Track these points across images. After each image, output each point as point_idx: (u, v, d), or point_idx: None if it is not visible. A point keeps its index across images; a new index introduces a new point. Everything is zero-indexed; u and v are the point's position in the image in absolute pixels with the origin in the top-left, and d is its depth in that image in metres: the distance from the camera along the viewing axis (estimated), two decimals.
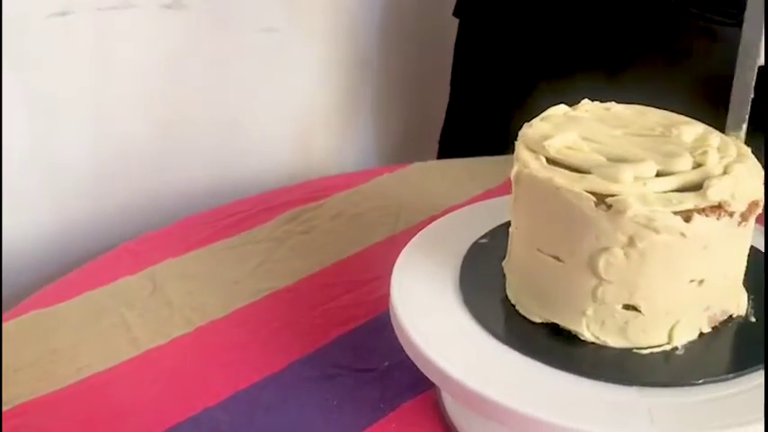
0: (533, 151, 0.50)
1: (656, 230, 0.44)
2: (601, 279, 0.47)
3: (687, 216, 0.45)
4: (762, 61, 0.52)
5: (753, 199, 0.47)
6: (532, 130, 0.52)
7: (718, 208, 0.45)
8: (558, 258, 0.49)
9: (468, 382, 0.46)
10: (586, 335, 0.49)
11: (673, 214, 0.44)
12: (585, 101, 0.56)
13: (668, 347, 0.48)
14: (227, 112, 1.04)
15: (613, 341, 0.48)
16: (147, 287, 0.70)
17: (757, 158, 0.50)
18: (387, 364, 0.61)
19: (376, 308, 0.66)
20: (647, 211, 0.44)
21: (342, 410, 0.57)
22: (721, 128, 0.53)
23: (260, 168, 1.06)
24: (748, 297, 0.52)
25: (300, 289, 0.71)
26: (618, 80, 0.90)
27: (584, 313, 0.48)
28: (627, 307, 0.48)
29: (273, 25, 1.03)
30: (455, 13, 1.07)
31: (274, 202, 0.85)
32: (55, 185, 0.92)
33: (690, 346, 0.49)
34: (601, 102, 0.56)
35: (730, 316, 0.51)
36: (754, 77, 0.52)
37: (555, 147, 0.49)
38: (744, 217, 0.47)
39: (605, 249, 0.46)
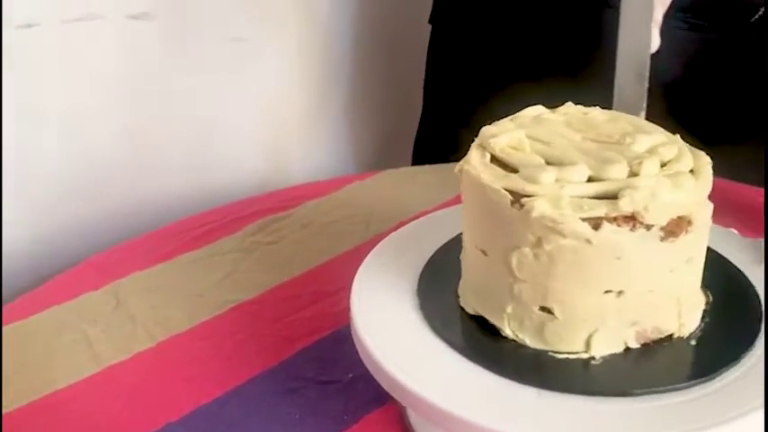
0: (482, 148, 0.50)
1: (562, 234, 0.44)
2: (515, 277, 0.47)
3: (596, 224, 0.44)
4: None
5: (679, 214, 0.46)
6: (492, 128, 0.53)
7: (631, 219, 0.45)
8: (484, 253, 0.50)
9: (413, 388, 0.47)
10: (507, 332, 0.49)
11: (581, 220, 0.44)
12: (569, 104, 0.56)
13: (585, 356, 0.48)
14: (198, 122, 1.03)
15: (531, 341, 0.49)
16: (111, 302, 0.70)
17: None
18: (351, 375, 0.60)
19: (341, 319, 0.65)
20: (555, 215, 0.44)
21: (304, 424, 0.57)
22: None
23: (232, 178, 1.06)
24: (703, 319, 0.51)
25: (266, 301, 0.71)
26: (588, 84, 0.90)
27: (504, 310, 0.49)
28: (543, 309, 0.48)
29: (242, 35, 1.03)
30: (431, 21, 1.06)
31: (243, 212, 0.85)
32: (24, 198, 0.91)
33: (610, 359, 0.48)
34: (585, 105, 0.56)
35: (670, 336, 0.50)
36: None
37: (499, 145, 0.49)
38: (669, 233, 0.46)
39: (517, 248, 0.46)
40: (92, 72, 0.92)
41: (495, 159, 0.49)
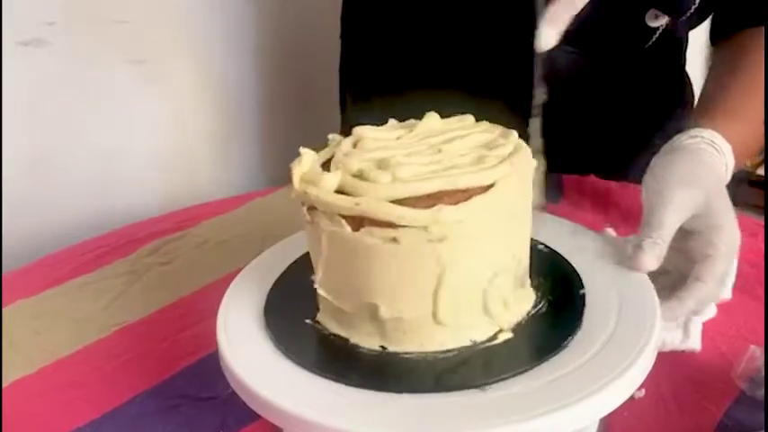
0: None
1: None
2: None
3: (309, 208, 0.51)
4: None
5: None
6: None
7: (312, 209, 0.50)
8: None
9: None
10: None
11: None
12: (430, 114, 0.58)
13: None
14: (99, 145, 1.03)
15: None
16: None
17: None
18: (230, 390, 0.60)
19: None
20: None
21: None
22: None
23: (138, 202, 1.05)
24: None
25: (153, 321, 0.71)
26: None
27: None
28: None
29: (141, 57, 1.03)
30: (341, 37, 1.07)
31: (138, 234, 0.85)
32: None
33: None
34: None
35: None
36: None
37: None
38: (355, 224, 0.48)
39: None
40: None
41: None
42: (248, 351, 0.52)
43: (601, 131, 0.95)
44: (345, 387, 0.48)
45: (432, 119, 0.57)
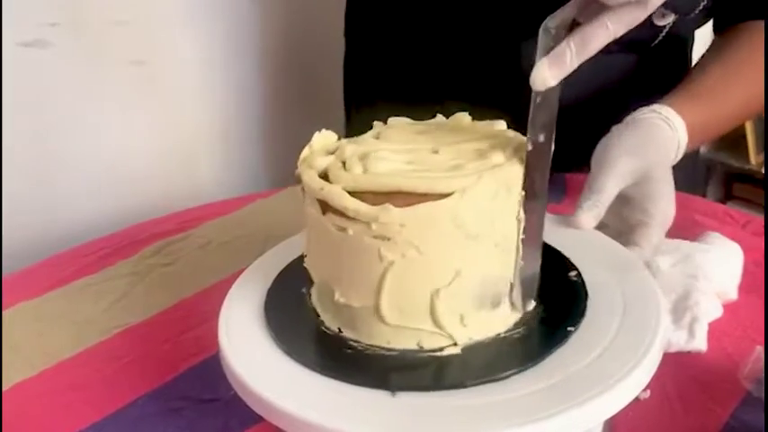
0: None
1: None
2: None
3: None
4: None
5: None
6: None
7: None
8: None
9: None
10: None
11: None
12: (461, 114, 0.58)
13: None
14: (101, 146, 1.03)
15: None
16: None
17: None
18: (232, 392, 0.60)
19: None
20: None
21: None
22: None
23: (140, 203, 1.05)
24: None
25: (156, 323, 0.70)
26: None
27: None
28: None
29: (143, 58, 1.02)
30: (345, 35, 1.06)
31: (140, 235, 0.85)
32: None
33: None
34: None
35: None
36: None
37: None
38: (323, 209, 0.49)
39: None
40: None
41: None
42: (250, 352, 0.52)
43: (605, 131, 0.94)
44: (348, 386, 0.47)
45: (462, 118, 0.57)
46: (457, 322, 0.49)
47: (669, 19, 0.83)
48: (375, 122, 0.58)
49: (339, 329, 0.52)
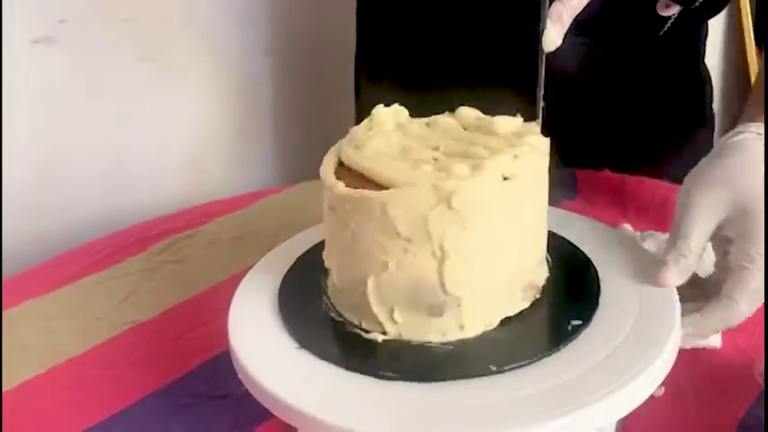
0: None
1: None
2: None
3: None
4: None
5: None
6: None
7: None
8: None
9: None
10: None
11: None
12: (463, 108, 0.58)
13: None
14: (111, 144, 1.02)
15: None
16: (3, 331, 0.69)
17: None
18: (243, 389, 0.60)
19: None
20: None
21: None
22: None
23: (150, 200, 1.05)
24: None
25: (166, 320, 0.70)
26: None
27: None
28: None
29: (153, 54, 1.02)
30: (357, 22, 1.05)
31: (149, 232, 0.84)
32: None
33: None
34: None
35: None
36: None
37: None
38: None
39: None
40: None
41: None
42: (260, 348, 0.51)
43: (614, 124, 0.94)
44: (364, 379, 0.47)
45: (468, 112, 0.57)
46: (386, 314, 0.50)
47: (674, 10, 0.82)
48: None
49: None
